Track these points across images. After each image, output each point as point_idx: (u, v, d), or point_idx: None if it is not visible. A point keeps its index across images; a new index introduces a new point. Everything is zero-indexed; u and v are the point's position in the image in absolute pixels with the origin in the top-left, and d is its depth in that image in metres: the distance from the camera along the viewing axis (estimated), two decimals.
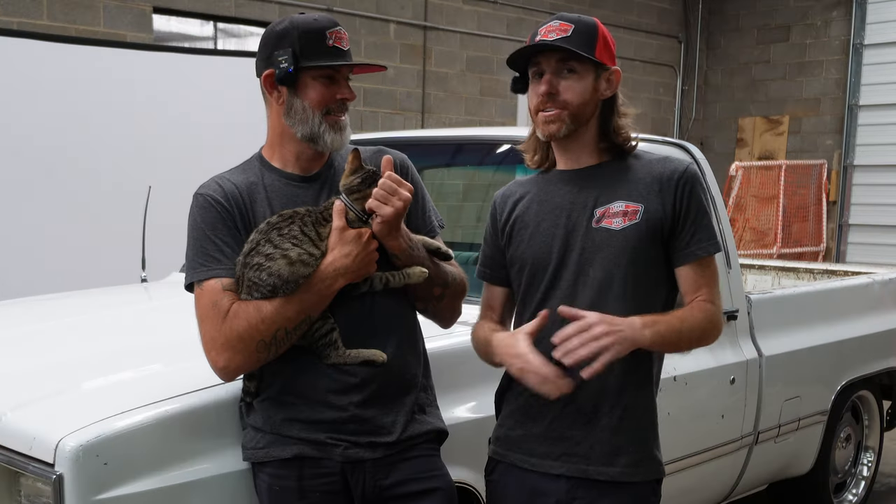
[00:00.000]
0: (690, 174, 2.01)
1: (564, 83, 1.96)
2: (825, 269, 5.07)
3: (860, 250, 11.16)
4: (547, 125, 1.99)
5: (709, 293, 2.00)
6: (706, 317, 1.98)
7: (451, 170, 4.25)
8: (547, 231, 2.05)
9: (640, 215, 1.97)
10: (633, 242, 1.96)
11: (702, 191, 2.02)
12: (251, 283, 1.92)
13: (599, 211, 1.99)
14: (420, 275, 2.02)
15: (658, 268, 2.01)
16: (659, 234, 1.98)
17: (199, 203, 2.02)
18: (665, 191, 1.98)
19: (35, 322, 2.99)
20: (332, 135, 2.01)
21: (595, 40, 1.98)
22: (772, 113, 11.94)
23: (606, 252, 1.97)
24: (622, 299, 1.96)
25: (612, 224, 1.97)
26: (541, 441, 2.05)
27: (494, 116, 10.19)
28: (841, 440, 4.11)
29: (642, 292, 1.98)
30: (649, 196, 1.98)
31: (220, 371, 1.95)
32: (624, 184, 2.01)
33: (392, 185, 1.91)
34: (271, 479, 1.99)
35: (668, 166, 2.02)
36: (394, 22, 9.24)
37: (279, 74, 1.99)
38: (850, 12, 11.22)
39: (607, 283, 1.97)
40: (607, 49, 2.01)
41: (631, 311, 1.92)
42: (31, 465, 1.90)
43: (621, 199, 1.99)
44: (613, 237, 1.97)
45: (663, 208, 1.97)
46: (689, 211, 1.98)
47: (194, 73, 5.64)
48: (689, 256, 1.99)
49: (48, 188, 5.04)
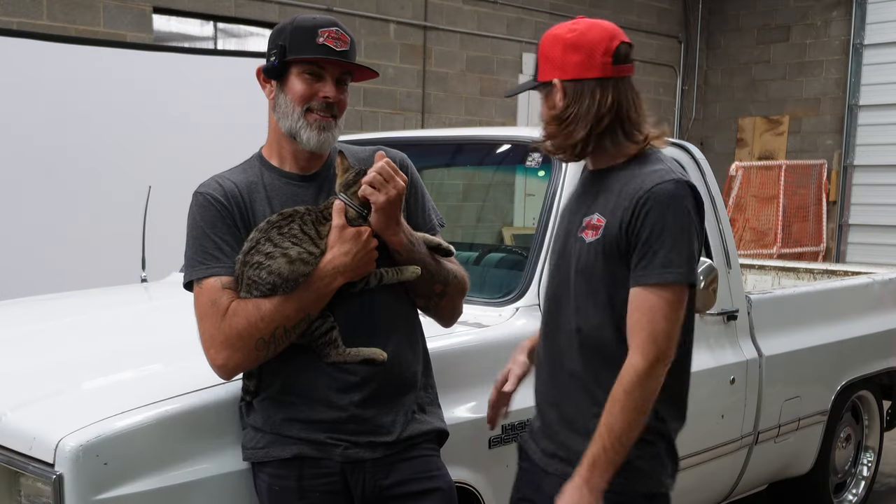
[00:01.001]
0: (656, 194, 1.86)
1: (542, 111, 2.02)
2: (825, 269, 5.07)
3: (860, 250, 11.16)
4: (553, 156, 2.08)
5: (639, 337, 1.85)
6: (628, 395, 1.83)
7: (451, 170, 4.25)
8: (560, 229, 2.10)
9: (602, 231, 1.92)
10: (594, 257, 1.93)
11: (669, 212, 1.85)
12: (251, 282, 1.92)
13: (586, 220, 1.98)
14: (413, 273, 2.02)
15: (624, 287, 1.91)
16: (615, 252, 1.90)
17: (198, 202, 2.02)
18: (626, 208, 1.89)
19: (35, 322, 2.99)
20: (310, 132, 2.00)
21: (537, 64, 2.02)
22: (772, 113, 11.94)
23: (581, 262, 1.97)
24: (600, 308, 1.94)
25: (587, 236, 1.96)
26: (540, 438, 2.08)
27: (494, 116, 10.19)
28: (841, 440, 4.12)
29: (618, 306, 1.92)
30: (615, 211, 1.91)
31: (218, 369, 1.95)
32: (606, 195, 1.96)
33: (388, 171, 1.91)
34: (271, 479, 1.99)
35: (640, 182, 1.90)
36: (394, 22, 9.24)
37: (266, 67, 2.02)
38: (850, 12, 11.21)
39: (584, 291, 1.97)
40: (549, 63, 2.01)
41: (612, 322, 1.92)
42: (31, 465, 1.90)
43: (599, 211, 1.95)
44: (584, 249, 1.96)
45: (619, 226, 1.89)
46: (639, 233, 1.86)
47: (194, 73, 5.64)
48: (633, 281, 1.88)
49: (48, 188, 5.04)
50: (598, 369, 1.95)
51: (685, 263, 1.86)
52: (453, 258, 2.16)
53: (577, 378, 1.99)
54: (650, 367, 1.84)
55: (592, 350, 1.96)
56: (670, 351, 1.87)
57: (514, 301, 2.77)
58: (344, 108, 2.06)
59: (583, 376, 1.98)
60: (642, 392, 1.84)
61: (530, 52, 10.45)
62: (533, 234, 2.90)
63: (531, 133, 3.23)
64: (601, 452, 1.85)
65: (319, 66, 2.00)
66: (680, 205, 1.87)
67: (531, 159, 3.10)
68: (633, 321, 1.87)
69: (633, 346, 1.86)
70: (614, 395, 1.85)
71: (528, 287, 2.78)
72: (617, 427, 1.84)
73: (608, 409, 1.86)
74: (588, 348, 1.97)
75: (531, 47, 10.46)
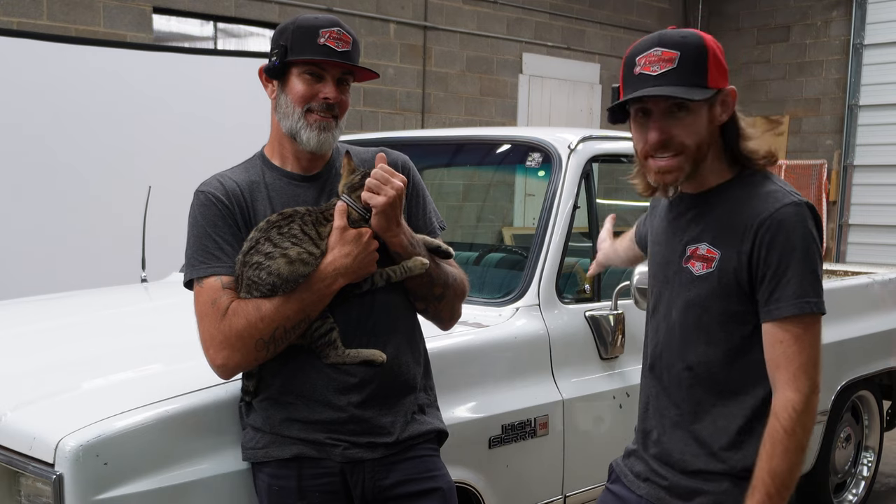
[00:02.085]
0: (778, 219, 1.73)
1: (678, 125, 1.76)
2: (825, 269, 5.06)
3: (860, 250, 11.16)
4: (662, 175, 1.80)
5: (788, 372, 1.73)
6: (790, 435, 1.70)
7: (451, 170, 4.25)
8: (657, 255, 1.98)
9: (716, 264, 1.79)
10: (706, 291, 1.81)
11: (795, 236, 1.72)
12: (250, 282, 1.92)
13: (690, 249, 1.85)
14: (421, 265, 2.00)
15: (743, 322, 1.80)
16: (734, 286, 1.78)
17: (200, 200, 2.02)
18: (745, 238, 1.75)
19: (35, 322, 2.99)
20: (310, 133, 2.00)
21: (706, 65, 1.75)
22: (772, 113, 11.93)
23: (686, 295, 1.86)
24: (696, 344, 1.86)
25: (694, 267, 1.83)
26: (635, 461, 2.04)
27: (494, 116, 10.18)
28: (841, 440, 4.11)
29: (722, 345, 1.83)
30: (731, 242, 1.77)
31: (217, 369, 1.95)
32: (715, 222, 1.82)
33: (384, 174, 1.91)
34: (271, 479, 1.99)
35: (759, 207, 1.76)
36: (394, 22, 9.24)
37: (268, 67, 2.02)
38: (850, 12, 11.21)
39: (683, 326, 1.87)
40: (719, 69, 1.78)
41: (709, 359, 1.85)
42: (31, 465, 1.90)
43: (706, 241, 1.82)
44: (693, 282, 1.84)
45: (738, 257, 1.76)
46: (767, 262, 1.73)
47: (194, 73, 5.63)
48: (766, 315, 1.75)
49: (48, 188, 5.04)
50: (708, 406, 1.87)
51: (818, 291, 1.77)
52: (453, 261, 2.16)
53: (683, 414, 1.91)
54: (806, 401, 1.72)
55: (703, 387, 1.87)
56: (819, 380, 1.75)
57: (513, 301, 2.77)
58: (345, 109, 2.05)
59: (688, 413, 1.90)
60: (803, 428, 1.72)
61: (530, 52, 10.46)
62: (533, 234, 2.90)
63: (531, 133, 3.24)
64: (766, 500, 1.71)
65: (320, 66, 2.00)
66: (805, 229, 1.74)
67: (531, 159, 3.10)
68: (776, 356, 1.75)
69: (781, 383, 1.74)
70: (774, 438, 1.72)
71: (527, 287, 2.78)
72: (780, 470, 1.71)
73: (767, 453, 1.72)
74: (697, 385, 1.88)
75: (531, 47, 10.47)
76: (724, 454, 1.85)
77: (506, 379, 2.59)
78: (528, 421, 2.55)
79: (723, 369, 1.85)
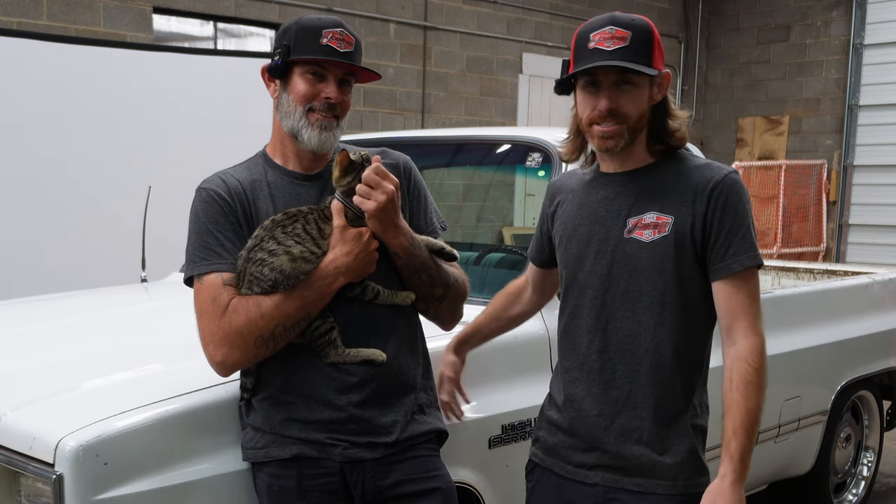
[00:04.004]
0: (728, 183, 1.91)
1: (624, 97, 1.90)
2: (825, 269, 5.07)
3: (860, 250, 11.15)
4: (605, 140, 1.93)
5: (747, 320, 1.89)
6: (760, 374, 1.85)
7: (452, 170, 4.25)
8: (582, 237, 2.03)
9: (670, 228, 1.91)
10: (661, 255, 1.91)
11: (740, 200, 1.91)
12: (252, 278, 1.92)
13: (632, 221, 1.94)
14: (405, 298, 2.04)
15: (694, 284, 1.93)
16: (690, 247, 1.91)
17: (201, 197, 2.03)
18: (698, 201, 1.90)
19: (35, 322, 2.99)
20: (311, 132, 2.00)
21: (652, 47, 1.90)
22: (772, 113, 11.94)
23: (636, 264, 1.93)
24: (651, 313, 1.93)
25: (642, 236, 1.92)
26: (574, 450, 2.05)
27: (494, 116, 10.18)
28: (841, 440, 4.11)
29: (676, 308, 1.93)
30: (682, 207, 1.91)
31: (216, 365, 1.95)
32: (658, 193, 1.94)
33: (375, 178, 1.90)
34: (271, 479, 1.99)
35: (705, 174, 1.93)
36: (394, 22, 9.24)
37: (270, 66, 2.03)
38: (850, 12, 11.21)
39: (636, 295, 1.94)
40: (660, 53, 1.93)
41: (663, 324, 1.92)
42: (31, 465, 1.90)
43: (654, 210, 1.93)
44: (643, 249, 1.92)
45: (693, 219, 1.90)
46: (722, 222, 1.89)
47: (194, 73, 5.63)
48: (722, 271, 1.90)
49: (48, 188, 5.04)
50: (671, 372, 1.93)
51: (757, 246, 1.93)
52: (455, 263, 2.16)
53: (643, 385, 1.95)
54: (763, 343, 1.88)
55: (662, 353, 1.93)
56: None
57: None
58: (347, 109, 2.06)
59: (650, 381, 1.94)
60: (765, 367, 1.87)
61: (530, 51, 10.45)
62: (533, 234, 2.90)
63: (531, 133, 3.24)
64: (747, 441, 1.81)
65: (322, 66, 2.00)
66: (745, 193, 1.94)
67: (531, 159, 3.10)
68: (733, 307, 1.89)
69: (742, 330, 1.88)
70: (747, 379, 1.84)
71: None
72: (755, 409, 1.83)
73: (742, 395, 1.84)
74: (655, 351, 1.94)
75: (531, 47, 10.46)
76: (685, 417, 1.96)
77: (506, 379, 2.59)
78: (528, 421, 2.54)
79: (677, 332, 1.94)
